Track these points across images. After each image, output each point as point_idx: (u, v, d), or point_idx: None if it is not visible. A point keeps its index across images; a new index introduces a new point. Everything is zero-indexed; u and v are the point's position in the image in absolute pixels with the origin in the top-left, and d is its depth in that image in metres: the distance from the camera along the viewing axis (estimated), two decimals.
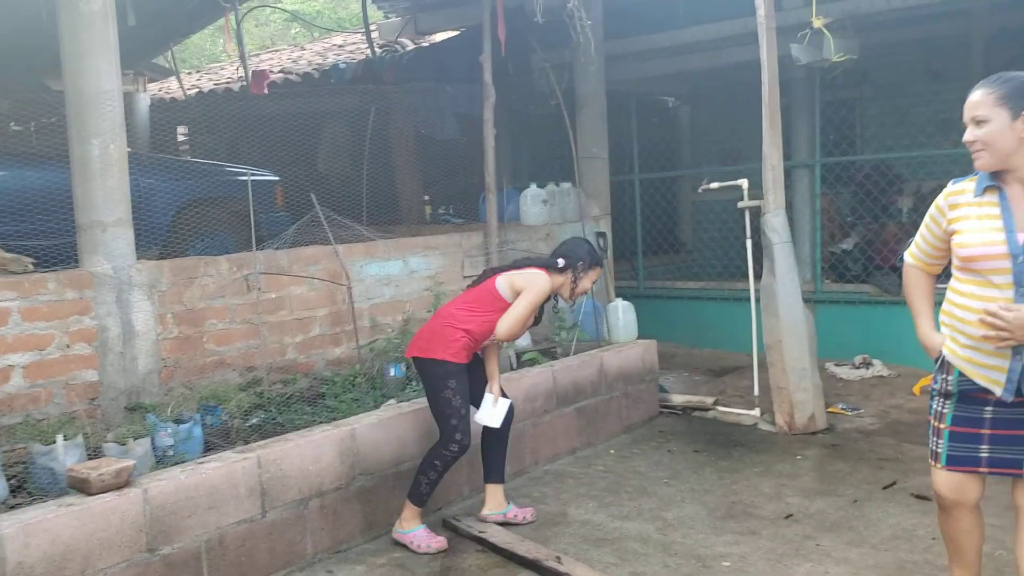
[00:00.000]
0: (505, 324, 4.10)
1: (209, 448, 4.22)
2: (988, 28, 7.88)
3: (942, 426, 2.87)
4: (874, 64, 8.09)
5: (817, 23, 6.35)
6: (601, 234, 7.32)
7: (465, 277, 6.15)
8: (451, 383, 4.09)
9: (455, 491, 4.71)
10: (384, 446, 4.33)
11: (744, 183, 6.28)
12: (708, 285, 8.68)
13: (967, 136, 2.70)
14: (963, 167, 3.07)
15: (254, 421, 4.62)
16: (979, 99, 2.67)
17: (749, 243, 6.33)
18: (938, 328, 2.97)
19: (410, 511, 4.16)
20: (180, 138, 9.99)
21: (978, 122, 2.67)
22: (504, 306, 4.13)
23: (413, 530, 4.15)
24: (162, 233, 5.67)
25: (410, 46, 9.19)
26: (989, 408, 2.76)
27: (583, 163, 7.29)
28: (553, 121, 7.44)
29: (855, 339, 7.44)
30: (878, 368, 7.16)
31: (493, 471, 4.43)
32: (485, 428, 4.36)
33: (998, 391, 2.69)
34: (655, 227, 9.45)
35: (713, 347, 8.28)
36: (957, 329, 2.79)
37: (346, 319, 5.36)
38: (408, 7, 8.89)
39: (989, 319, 2.58)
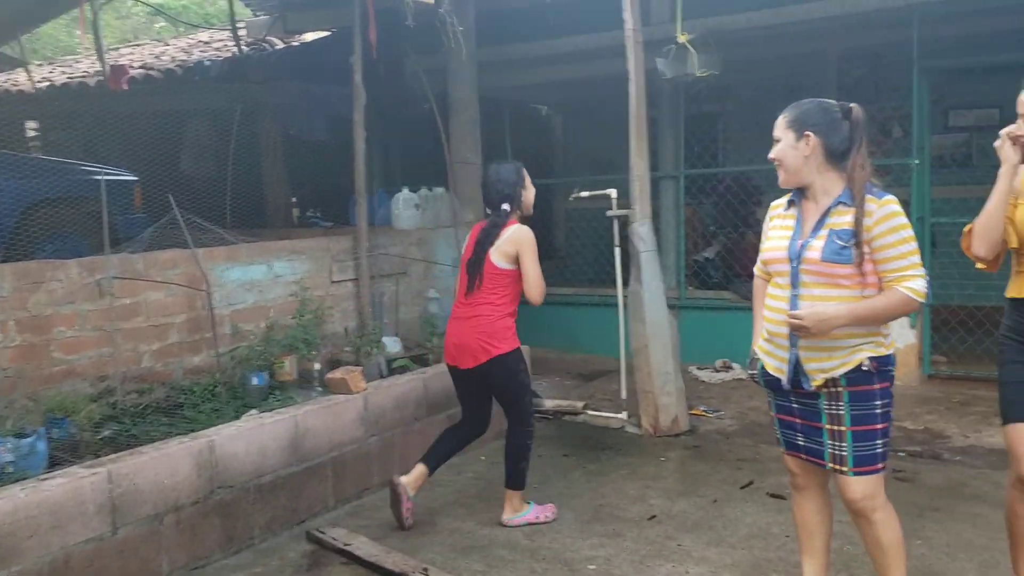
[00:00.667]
0: (535, 290, 4.33)
1: (55, 463, 3.97)
2: (841, 48, 8.30)
3: (772, 414, 3.15)
4: (736, 80, 8.39)
5: (682, 38, 6.55)
6: None
7: (333, 282, 6.03)
8: (522, 365, 4.41)
9: (320, 503, 4.60)
10: (245, 458, 4.19)
11: (613, 193, 6.39)
12: (579, 291, 8.80)
13: (770, 153, 3.01)
14: None
15: (106, 434, 4.38)
16: (778, 121, 3.00)
17: (618, 251, 6.45)
18: None
19: (517, 498, 4.43)
20: (30, 134, 9.42)
21: (776, 141, 2.99)
22: (512, 273, 4.33)
23: (527, 511, 4.45)
24: (5, 235, 5.33)
25: (279, 45, 8.97)
26: (794, 398, 3.00)
27: (456, 168, 7.28)
28: (426, 125, 7.39)
29: (716, 343, 7.69)
30: (737, 371, 7.43)
31: (514, 478, 4.50)
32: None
33: (783, 379, 2.96)
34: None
35: (584, 352, 8.41)
36: (765, 324, 3.08)
37: (206, 326, 5.16)
38: (277, 5, 8.67)
39: (792, 321, 2.85)
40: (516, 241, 4.33)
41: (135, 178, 6.38)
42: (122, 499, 3.63)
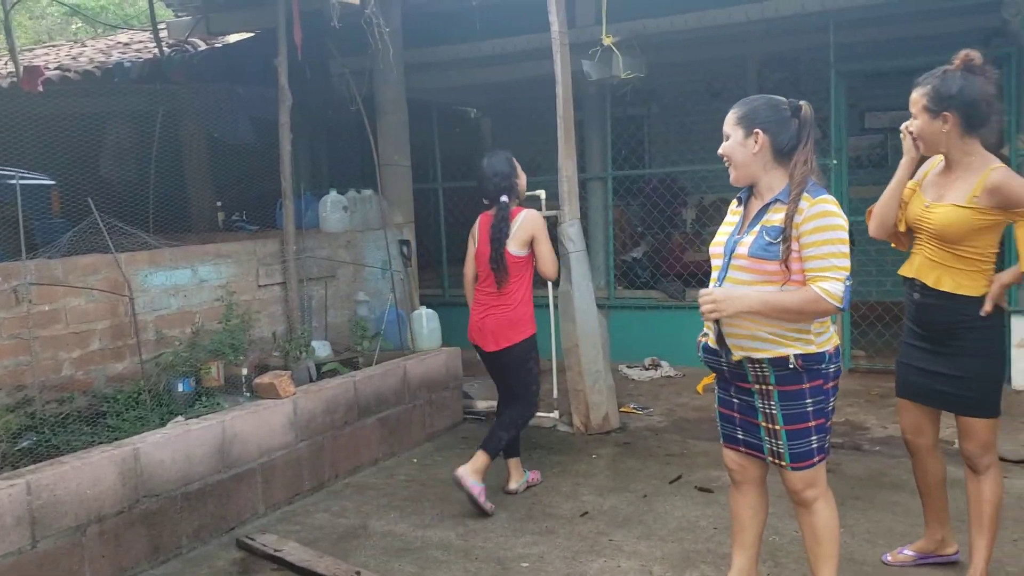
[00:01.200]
0: (551, 267, 4.77)
1: None
2: (761, 52, 8.51)
3: (716, 407, 3.20)
4: (660, 83, 8.55)
5: (607, 41, 6.63)
6: (405, 242, 7.28)
7: (260, 286, 5.95)
8: (534, 352, 4.80)
9: (249, 509, 4.54)
10: (171, 465, 4.11)
11: (542, 194, 6.43)
12: None
13: (719, 149, 3.03)
14: None
15: (24, 444, 4.24)
16: (727, 118, 3.01)
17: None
18: None
19: (514, 466, 4.89)
20: None
21: (726, 137, 3.01)
22: (528, 258, 4.71)
23: (526, 476, 4.94)
24: None
25: (202, 46, 8.82)
26: (734, 392, 3.06)
27: (385, 170, 7.23)
28: (354, 127, 7.34)
29: (645, 342, 7.81)
30: (666, 369, 7.55)
31: (511, 448, 4.89)
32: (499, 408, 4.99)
33: (710, 343, 3.05)
34: (459, 235, 9.50)
35: None
36: None
37: (129, 332, 5.05)
38: (199, 6, 8.52)
39: (703, 298, 2.89)
40: (530, 227, 4.68)
41: (52, 182, 6.20)
42: (42, 511, 3.52)
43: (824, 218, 2.81)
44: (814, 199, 2.84)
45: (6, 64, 9.41)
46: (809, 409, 2.91)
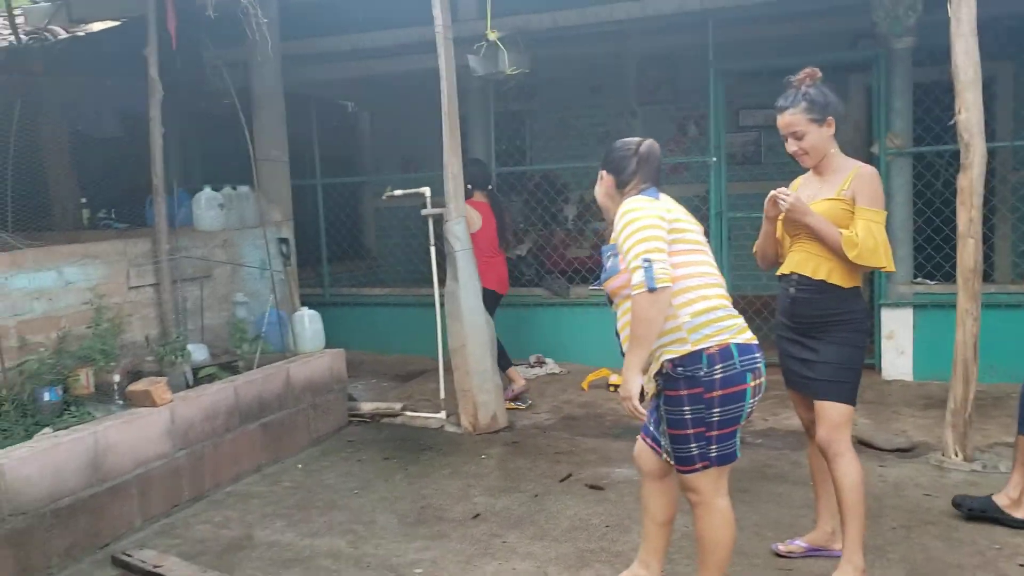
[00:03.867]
0: None
1: None
2: (641, 50, 8.65)
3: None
4: (542, 79, 8.56)
5: (492, 36, 6.60)
6: (284, 240, 7.05)
7: (131, 288, 5.64)
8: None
9: (125, 523, 4.30)
10: (39, 481, 3.84)
11: (427, 191, 6.35)
12: (394, 291, 8.72)
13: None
14: None
15: None
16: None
17: (433, 249, 6.42)
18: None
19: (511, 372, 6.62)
20: None
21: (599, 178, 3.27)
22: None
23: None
24: None
25: (63, 34, 8.31)
26: None
27: (262, 166, 6.98)
28: (228, 121, 7.04)
29: (530, 339, 7.83)
30: (551, 366, 7.59)
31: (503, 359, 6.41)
32: None
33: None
34: (339, 233, 9.33)
35: (400, 352, 8.33)
36: None
37: None
38: None
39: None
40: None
41: None
42: None
43: (621, 219, 2.99)
44: (623, 204, 3.06)
45: None
46: (687, 417, 2.93)
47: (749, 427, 5.77)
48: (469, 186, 6.31)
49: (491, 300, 6.32)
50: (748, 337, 3.00)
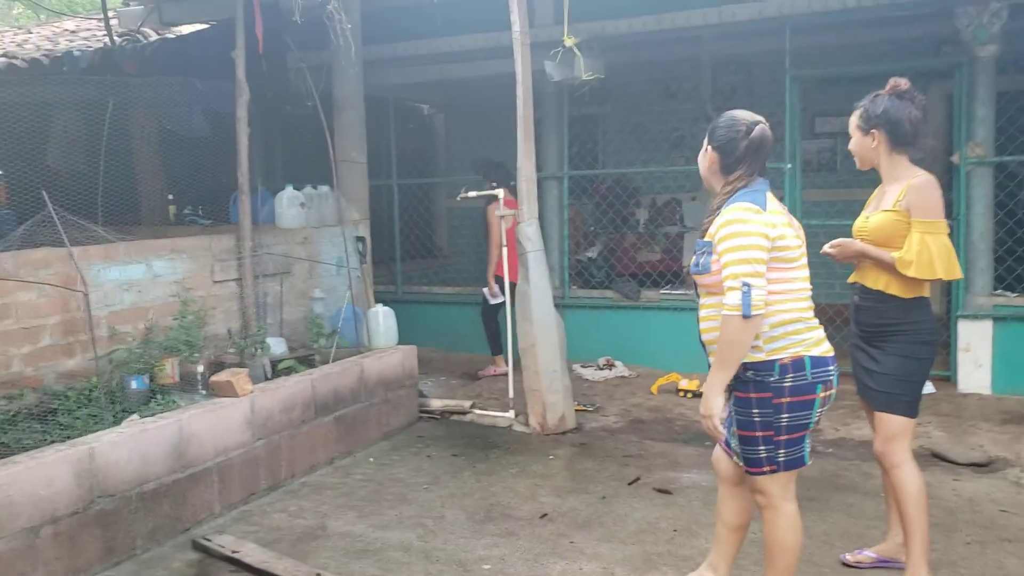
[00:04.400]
0: None
1: None
2: (716, 54, 8.61)
3: None
4: (616, 83, 8.59)
5: (568, 42, 6.64)
6: (360, 239, 7.23)
7: (215, 282, 5.85)
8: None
9: (205, 509, 4.48)
10: (127, 465, 4.03)
11: (501, 193, 6.44)
12: (464, 290, 8.82)
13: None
14: (694, 182, 3.47)
15: None
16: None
17: (505, 251, 6.50)
18: None
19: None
20: None
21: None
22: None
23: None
24: None
25: (154, 36, 8.63)
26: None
27: (341, 167, 7.16)
28: (310, 123, 7.25)
29: (599, 342, 7.85)
30: (620, 369, 7.60)
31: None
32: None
33: None
34: (413, 232, 9.50)
35: (469, 351, 8.43)
36: None
37: (81, 328, 4.93)
38: None
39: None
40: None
41: None
42: None
43: (725, 227, 2.90)
44: (728, 207, 2.94)
45: None
46: (756, 420, 2.95)
47: (820, 436, 5.72)
48: (493, 184, 6.88)
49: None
50: (824, 350, 2.99)
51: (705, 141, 3.15)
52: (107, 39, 8.16)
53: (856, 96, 3.63)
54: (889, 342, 3.47)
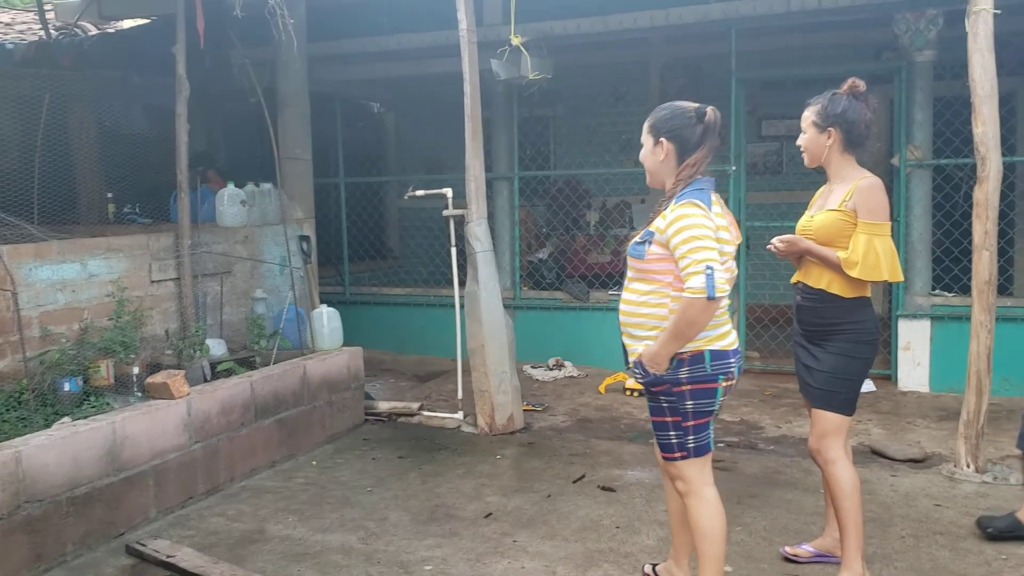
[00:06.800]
0: None
1: None
2: (664, 57, 8.67)
3: None
4: (566, 85, 8.59)
5: (515, 41, 6.63)
6: (305, 238, 7.13)
7: (153, 282, 5.72)
8: None
9: (140, 514, 4.36)
10: (56, 469, 3.91)
11: (449, 192, 6.39)
12: (414, 291, 8.76)
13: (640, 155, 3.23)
14: (643, 185, 3.44)
15: None
16: (643, 126, 3.20)
17: (454, 251, 6.46)
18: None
19: None
20: None
21: (642, 144, 3.20)
22: None
23: None
24: None
25: (92, 31, 8.44)
26: None
27: (285, 164, 7.06)
28: (253, 119, 7.15)
29: (549, 342, 7.85)
30: (570, 369, 7.60)
31: None
32: None
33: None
34: (361, 232, 9.39)
35: (419, 353, 8.37)
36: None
37: (11, 328, 4.78)
38: None
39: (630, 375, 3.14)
40: None
41: None
42: None
43: (678, 221, 2.95)
44: (677, 204, 2.99)
45: None
46: (664, 407, 3.07)
47: (761, 434, 5.78)
48: None
49: None
50: (726, 343, 3.07)
51: (648, 136, 3.15)
52: (44, 32, 7.96)
53: (801, 100, 3.65)
54: (830, 341, 3.50)
